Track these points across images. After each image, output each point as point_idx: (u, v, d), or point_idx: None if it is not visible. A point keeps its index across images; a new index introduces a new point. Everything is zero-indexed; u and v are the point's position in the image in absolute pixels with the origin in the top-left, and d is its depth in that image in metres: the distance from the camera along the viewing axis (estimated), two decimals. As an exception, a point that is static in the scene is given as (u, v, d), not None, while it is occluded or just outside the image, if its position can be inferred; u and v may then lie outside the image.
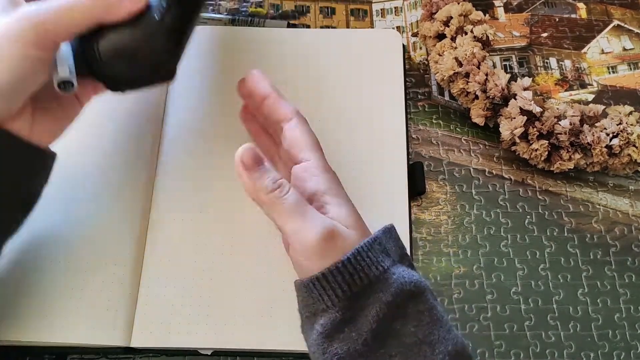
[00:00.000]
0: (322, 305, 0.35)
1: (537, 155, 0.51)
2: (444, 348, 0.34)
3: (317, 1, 0.62)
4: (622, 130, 0.51)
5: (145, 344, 0.44)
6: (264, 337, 0.44)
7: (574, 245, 0.50)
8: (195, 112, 0.53)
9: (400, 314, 0.35)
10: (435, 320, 0.35)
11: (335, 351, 0.34)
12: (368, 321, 0.34)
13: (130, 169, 0.49)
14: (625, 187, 0.53)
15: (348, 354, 0.34)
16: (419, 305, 0.35)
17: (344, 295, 0.35)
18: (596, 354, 0.46)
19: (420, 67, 0.58)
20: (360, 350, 0.34)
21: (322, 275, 0.35)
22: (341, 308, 0.35)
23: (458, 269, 0.49)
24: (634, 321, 0.47)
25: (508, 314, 0.47)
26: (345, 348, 0.34)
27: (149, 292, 0.45)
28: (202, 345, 0.44)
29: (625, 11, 0.62)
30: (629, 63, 0.59)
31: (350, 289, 0.35)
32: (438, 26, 0.56)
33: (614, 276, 0.49)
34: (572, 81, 0.58)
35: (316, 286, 0.35)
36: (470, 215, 0.51)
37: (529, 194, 0.52)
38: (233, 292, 0.46)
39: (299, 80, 0.54)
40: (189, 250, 0.47)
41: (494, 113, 0.53)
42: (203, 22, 0.58)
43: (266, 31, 0.57)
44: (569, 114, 0.52)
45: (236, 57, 0.55)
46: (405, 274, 0.36)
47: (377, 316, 0.34)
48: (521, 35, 0.60)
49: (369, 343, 0.34)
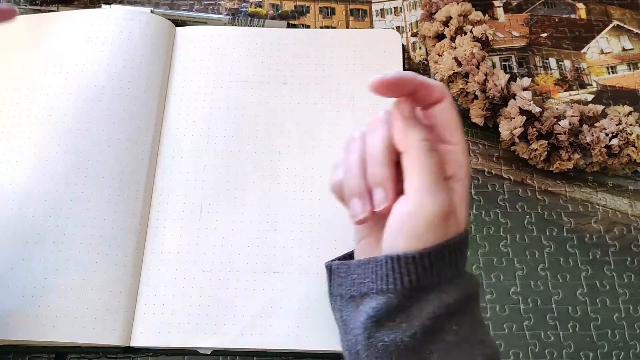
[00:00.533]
0: (382, 285, 0.34)
1: (537, 156, 0.52)
2: (482, 350, 0.34)
3: (317, 1, 0.62)
4: (621, 130, 0.51)
5: (145, 343, 0.44)
6: (263, 337, 0.44)
7: (573, 245, 0.50)
8: (195, 112, 0.53)
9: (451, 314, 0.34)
10: (476, 323, 0.35)
11: (382, 337, 0.33)
12: (422, 316, 0.33)
13: (130, 169, 0.49)
14: (624, 187, 0.53)
15: (394, 343, 0.33)
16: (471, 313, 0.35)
17: (410, 285, 0.33)
18: (595, 354, 0.46)
19: (420, 67, 0.58)
20: (407, 342, 0.33)
21: (404, 256, 0.33)
22: (400, 294, 0.33)
23: (457, 269, 0.49)
24: (633, 321, 0.47)
25: (507, 313, 0.47)
26: (393, 337, 0.33)
27: (149, 292, 0.45)
28: (202, 345, 0.44)
29: (625, 11, 0.62)
30: (629, 63, 0.59)
31: (418, 281, 0.33)
32: (437, 26, 0.56)
33: (613, 276, 0.49)
34: (572, 81, 0.58)
35: (389, 264, 0.34)
36: (469, 215, 0.51)
37: (528, 194, 0.52)
38: (233, 292, 0.46)
39: (299, 80, 0.54)
40: (188, 250, 0.47)
41: (494, 113, 0.53)
42: (203, 22, 0.58)
43: (266, 31, 0.57)
44: (568, 114, 0.52)
45: (236, 57, 0.55)
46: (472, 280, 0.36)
47: (432, 313, 0.33)
48: (520, 36, 0.60)
49: (418, 337, 0.33)
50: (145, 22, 0.55)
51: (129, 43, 0.53)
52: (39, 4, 0.60)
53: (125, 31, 0.54)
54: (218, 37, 0.56)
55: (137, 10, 0.57)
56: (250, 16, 0.59)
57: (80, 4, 0.60)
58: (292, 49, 0.56)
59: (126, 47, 0.53)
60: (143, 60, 0.53)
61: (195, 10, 0.60)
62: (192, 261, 0.47)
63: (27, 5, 0.59)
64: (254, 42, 0.56)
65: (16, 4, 0.60)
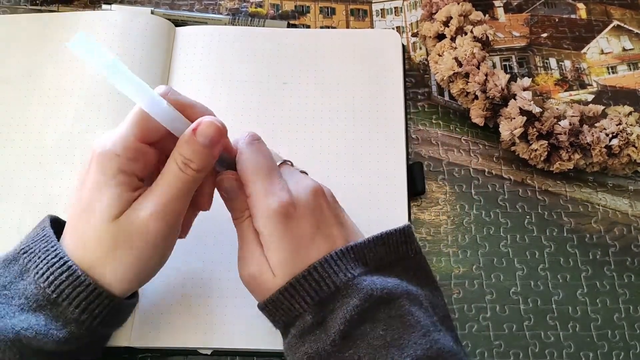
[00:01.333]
0: (294, 312, 0.37)
1: (537, 156, 0.52)
2: (412, 352, 0.35)
3: (317, 1, 0.62)
4: (621, 130, 0.51)
5: (145, 344, 0.44)
6: (264, 337, 0.44)
7: (573, 245, 0.50)
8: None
9: (369, 318, 0.36)
10: (407, 325, 0.36)
11: (306, 350, 0.36)
12: (336, 323, 0.36)
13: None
14: (624, 187, 0.53)
15: (317, 353, 0.36)
16: (390, 310, 0.36)
17: (312, 300, 0.36)
18: (595, 354, 0.46)
19: (420, 67, 0.58)
20: (329, 350, 0.35)
21: (290, 285, 0.36)
22: (312, 312, 0.36)
23: (457, 269, 0.49)
24: (633, 321, 0.47)
25: (507, 314, 0.47)
26: (315, 347, 0.36)
27: (149, 292, 0.45)
28: (202, 345, 0.44)
29: (625, 11, 0.62)
30: (629, 63, 0.59)
31: (317, 295, 0.36)
32: (438, 26, 0.56)
33: (613, 276, 0.49)
34: (572, 81, 0.58)
35: (285, 297, 0.36)
36: (469, 216, 0.51)
37: (528, 194, 0.52)
38: (233, 292, 0.46)
39: (299, 80, 0.54)
40: (189, 249, 0.47)
41: (494, 113, 0.53)
42: (203, 22, 0.58)
43: (266, 31, 0.57)
44: (568, 114, 0.52)
45: (236, 57, 0.55)
46: (377, 282, 0.37)
47: (344, 318, 0.35)
48: (521, 36, 0.60)
49: (338, 343, 0.35)
50: (145, 22, 0.55)
51: (129, 43, 0.54)
52: (39, 4, 0.60)
53: (126, 31, 0.54)
54: (218, 37, 0.56)
55: (137, 10, 0.57)
56: (250, 16, 0.59)
57: (80, 4, 0.60)
58: (292, 49, 0.56)
59: (126, 47, 0.53)
60: (143, 60, 0.53)
61: (195, 10, 0.60)
62: (193, 260, 0.47)
63: (27, 6, 0.59)
64: (254, 42, 0.56)
65: (16, 4, 0.60)
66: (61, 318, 0.36)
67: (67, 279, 0.36)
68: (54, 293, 0.35)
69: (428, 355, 0.35)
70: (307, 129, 0.53)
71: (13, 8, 0.59)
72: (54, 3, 0.60)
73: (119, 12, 0.56)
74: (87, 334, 0.37)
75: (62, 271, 0.36)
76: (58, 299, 0.36)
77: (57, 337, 0.35)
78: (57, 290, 0.35)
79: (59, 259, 0.36)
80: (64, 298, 0.36)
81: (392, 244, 0.39)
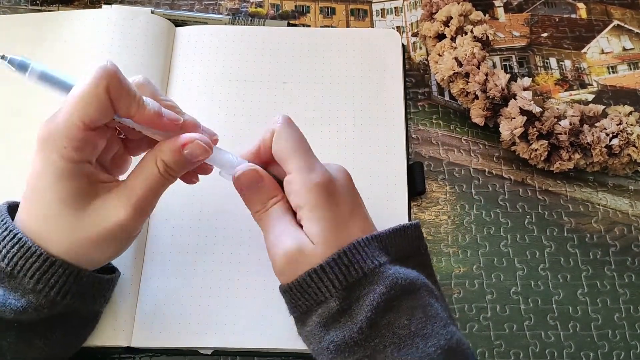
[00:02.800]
0: (320, 297, 0.36)
1: (537, 155, 0.51)
2: (436, 342, 0.35)
3: (317, 1, 0.62)
4: (622, 130, 0.51)
5: (145, 343, 0.44)
6: (264, 337, 0.44)
7: (573, 245, 0.50)
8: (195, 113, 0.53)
9: (394, 307, 0.36)
10: (429, 316, 0.36)
11: (332, 339, 0.36)
12: (363, 310, 0.35)
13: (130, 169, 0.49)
14: (625, 187, 0.53)
15: (344, 341, 0.35)
16: (412, 301, 0.36)
17: (341, 285, 0.36)
18: (596, 354, 0.46)
19: (420, 67, 0.58)
20: (356, 338, 0.35)
21: (320, 268, 0.36)
22: (338, 297, 0.36)
23: (458, 269, 0.49)
24: (634, 321, 0.47)
25: (508, 313, 0.47)
26: (342, 335, 0.36)
27: (149, 292, 0.45)
28: (202, 345, 0.44)
29: (625, 11, 0.62)
30: (629, 63, 0.59)
31: (346, 280, 0.36)
32: (438, 26, 0.56)
33: (613, 276, 0.49)
34: (572, 81, 0.58)
35: (313, 279, 0.36)
36: (470, 215, 0.51)
37: (528, 194, 0.52)
38: (233, 292, 0.46)
39: (299, 80, 0.54)
40: (188, 250, 0.47)
41: (494, 113, 0.53)
42: (203, 22, 0.58)
43: (266, 31, 0.57)
44: (568, 114, 0.52)
45: (237, 57, 0.55)
46: (401, 271, 0.37)
47: (371, 305, 0.35)
48: (521, 35, 0.60)
49: (365, 331, 0.35)
50: (145, 22, 0.55)
51: (129, 43, 0.53)
52: (39, 4, 0.60)
53: (126, 31, 0.54)
54: (218, 37, 0.56)
55: (137, 10, 0.57)
56: (250, 16, 0.59)
57: (80, 4, 0.60)
58: (292, 48, 0.56)
59: (126, 47, 0.53)
60: (143, 60, 0.53)
61: (195, 10, 0.60)
62: (192, 261, 0.47)
63: (27, 5, 0.60)
64: (254, 42, 0.56)
65: (16, 4, 0.60)
66: (19, 289, 0.36)
67: (19, 250, 0.36)
68: (8, 266, 0.36)
69: (449, 346, 0.35)
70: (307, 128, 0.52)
71: (13, 8, 0.59)
72: (54, 3, 0.60)
73: (119, 12, 0.56)
74: (48, 304, 0.37)
75: (12, 244, 0.36)
76: (13, 271, 0.36)
77: (15, 305, 0.36)
78: (11, 263, 0.36)
79: (9, 232, 0.37)
80: (19, 270, 0.36)
81: (409, 237, 0.40)
